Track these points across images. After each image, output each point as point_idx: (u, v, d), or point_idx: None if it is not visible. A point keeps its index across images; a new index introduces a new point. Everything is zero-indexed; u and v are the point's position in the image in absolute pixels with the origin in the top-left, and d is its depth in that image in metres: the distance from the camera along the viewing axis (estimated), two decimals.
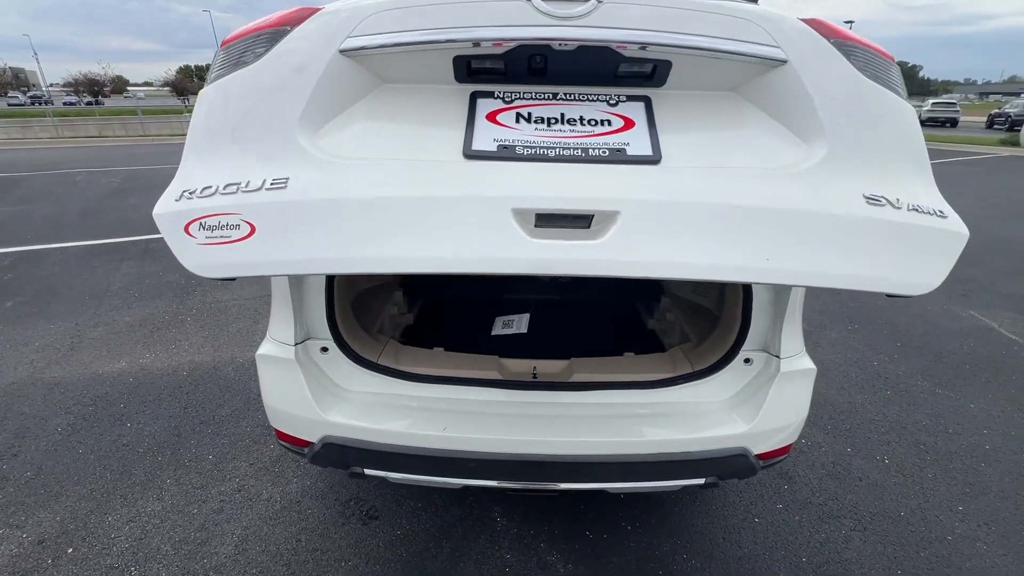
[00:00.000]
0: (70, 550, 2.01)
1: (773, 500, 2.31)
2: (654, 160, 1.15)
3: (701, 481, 1.60)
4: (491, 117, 1.22)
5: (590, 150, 1.16)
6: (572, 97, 1.26)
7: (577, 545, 2.05)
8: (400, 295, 2.43)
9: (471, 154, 1.14)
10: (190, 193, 1.12)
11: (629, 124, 1.22)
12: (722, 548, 2.06)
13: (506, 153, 1.14)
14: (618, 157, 1.15)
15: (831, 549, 2.07)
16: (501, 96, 1.26)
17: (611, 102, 1.26)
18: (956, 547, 2.08)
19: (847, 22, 43.63)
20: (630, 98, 1.26)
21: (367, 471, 1.60)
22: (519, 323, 2.41)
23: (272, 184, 1.07)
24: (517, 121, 1.21)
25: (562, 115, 1.23)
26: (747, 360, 1.68)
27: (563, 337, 2.43)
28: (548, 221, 1.07)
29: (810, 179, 1.13)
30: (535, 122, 1.22)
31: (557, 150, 1.16)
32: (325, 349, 1.69)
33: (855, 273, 1.11)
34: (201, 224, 1.08)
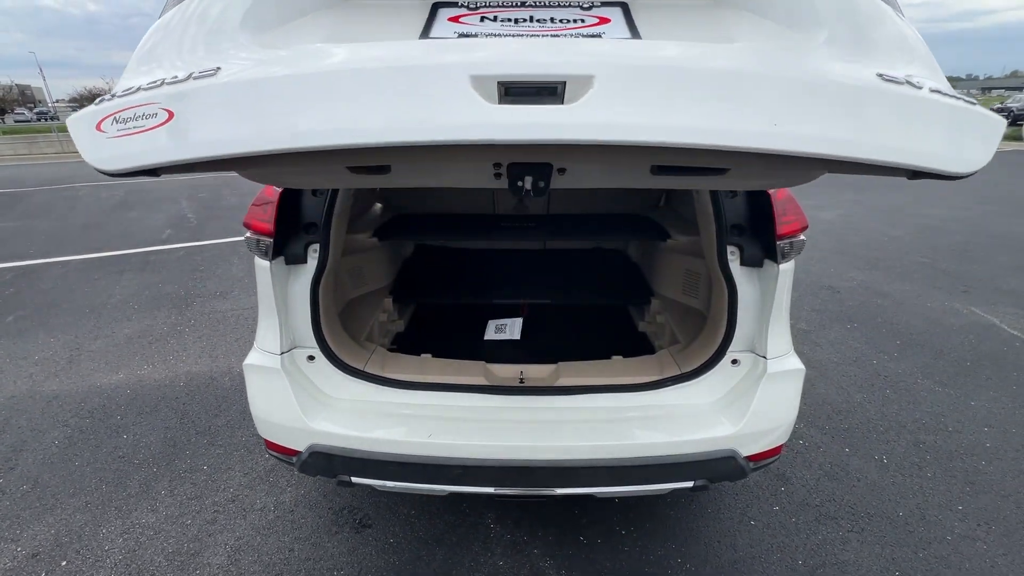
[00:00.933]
0: (64, 563, 2.01)
1: (769, 502, 2.29)
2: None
3: (690, 484, 1.59)
4: (453, 19, 1.09)
5: (561, 36, 1.04)
6: (542, 4, 1.13)
7: (571, 551, 2.04)
8: (390, 302, 2.44)
9: (427, 38, 1.03)
10: (111, 96, 1.00)
11: (604, 21, 1.09)
12: (717, 551, 2.04)
13: (467, 37, 1.02)
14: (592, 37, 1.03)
15: (828, 551, 2.04)
16: (465, 4, 1.13)
17: (584, 6, 1.13)
18: (955, 547, 2.05)
19: None
20: (605, 3, 1.14)
21: (354, 479, 1.60)
22: (512, 328, 2.41)
23: (200, 74, 0.95)
24: (481, 21, 1.09)
25: (531, 16, 1.10)
26: (734, 361, 1.68)
27: (552, 341, 2.43)
28: (515, 94, 0.90)
29: (813, 56, 0.99)
30: (501, 22, 1.09)
31: (525, 35, 1.04)
32: (312, 358, 1.69)
33: (896, 145, 0.93)
34: (115, 119, 0.97)
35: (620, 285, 2.67)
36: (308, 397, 1.64)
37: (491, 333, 2.41)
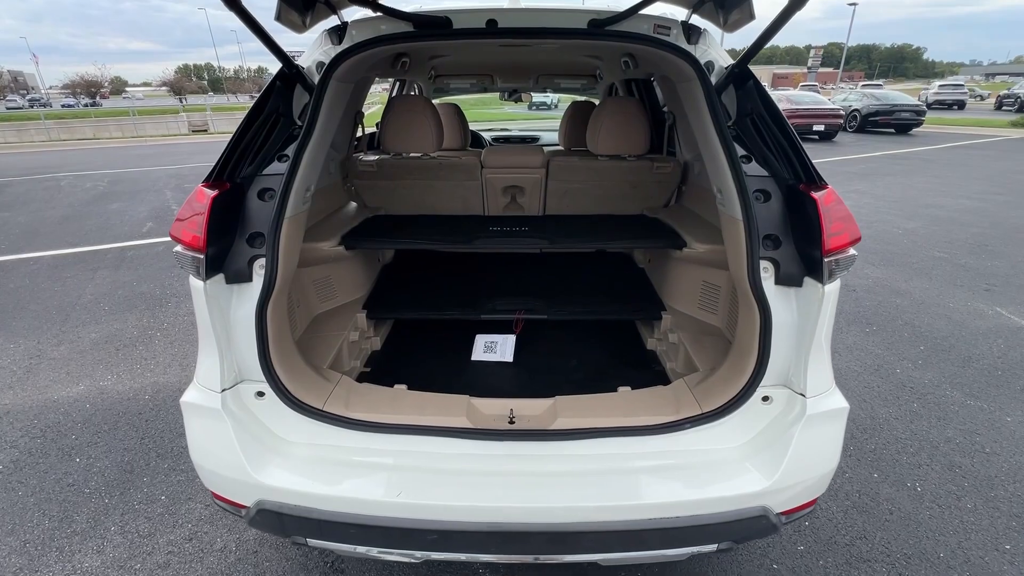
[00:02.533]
0: None
1: (793, 540, 2.04)
2: None
3: (713, 547, 1.33)
4: None
5: None
6: None
7: None
8: (363, 318, 2.15)
9: None
10: None
11: None
12: None
13: None
14: None
15: None
16: None
17: None
18: None
19: (851, 3, 42.73)
20: None
21: (310, 542, 1.33)
22: (503, 347, 2.12)
23: None
24: None
25: None
26: (765, 398, 1.40)
27: (548, 361, 2.15)
28: None
29: None
30: None
31: None
32: (261, 394, 1.42)
33: None
34: None
35: (627, 297, 2.38)
36: (255, 442, 1.37)
37: (480, 352, 2.13)
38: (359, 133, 2.67)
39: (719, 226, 1.65)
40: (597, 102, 3.96)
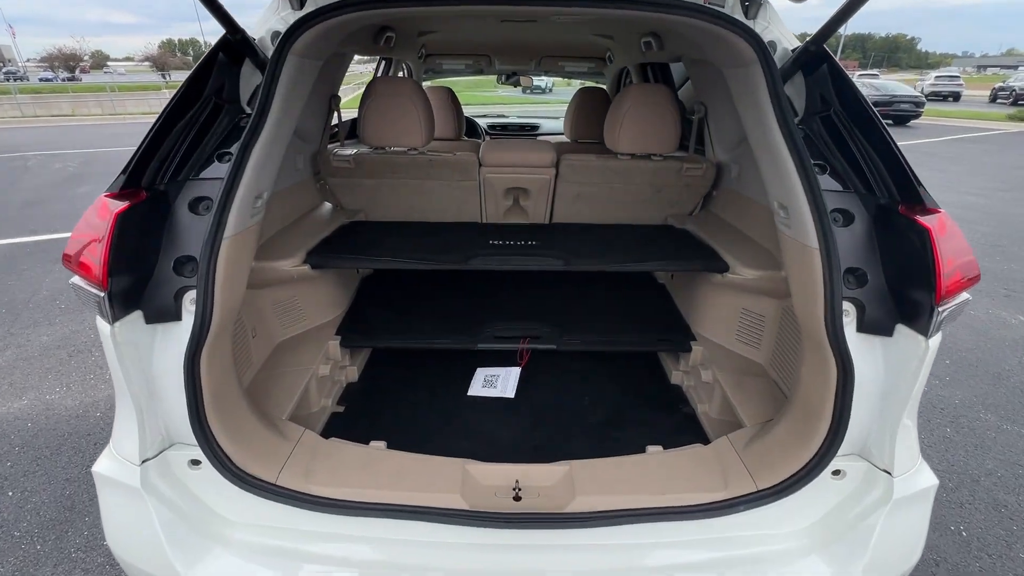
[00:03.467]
0: None
1: None
2: None
3: None
4: None
5: None
6: None
7: None
8: (336, 346, 1.82)
9: None
10: None
11: None
12: None
13: None
14: None
15: None
16: None
17: None
18: None
19: None
20: None
21: None
22: (504, 382, 1.81)
23: None
24: None
25: None
26: (836, 472, 1.12)
27: (556, 402, 1.82)
28: None
29: None
30: None
31: None
32: (196, 462, 1.11)
33: None
34: None
35: (650, 322, 2.04)
36: (187, 527, 1.06)
37: (478, 387, 1.82)
38: (335, 120, 2.31)
39: (771, 247, 1.34)
40: (604, 87, 3.62)
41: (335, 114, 2.21)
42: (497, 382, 1.82)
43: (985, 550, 1.99)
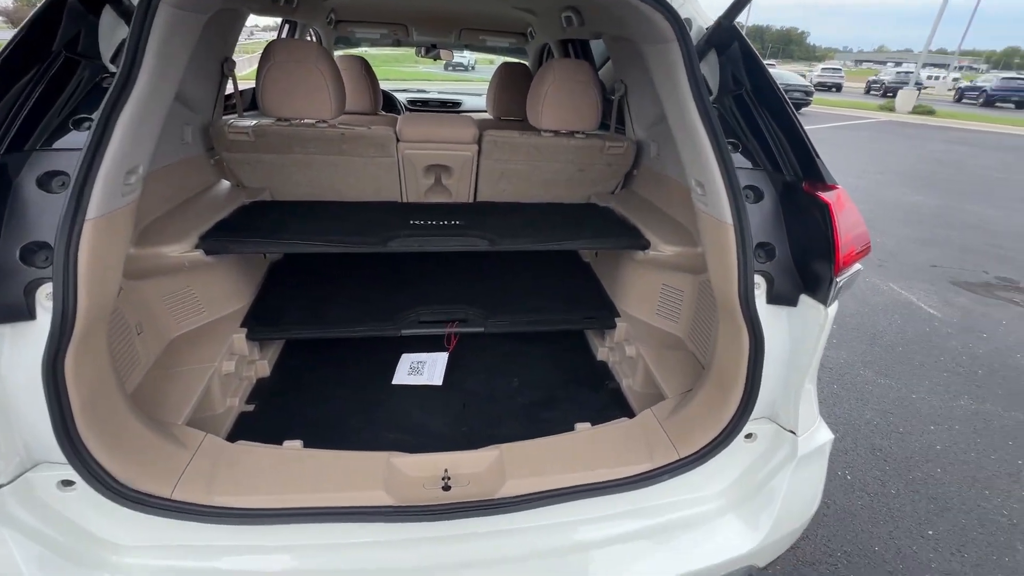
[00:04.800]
0: None
1: None
2: None
3: None
4: None
5: None
6: None
7: None
8: (242, 340, 1.67)
9: None
10: None
11: None
12: None
13: None
14: None
15: None
16: None
17: None
18: None
19: None
20: None
21: None
22: (431, 369, 1.74)
23: None
24: None
25: None
26: (749, 435, 1.19)
27: (486, 387, 1.78)
28: None
29: None
30: None
31: None
32: (68, 483, 0.95)
33: None
34: None
35: (576, 300, 2.04)
36: (61, 559, 0.92)
37: (403, 375, 1.73)
38: (232, 89, 2.06)
39: (688, 224, 1.39)
40: (527, 64, 3.57)
41: (230, 81, 1.97)
42: (424, 369, 1.76)
43: (865, 490, 2.27)
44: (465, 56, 31.10)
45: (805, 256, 1.09)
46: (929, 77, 34.78)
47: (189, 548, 0.99)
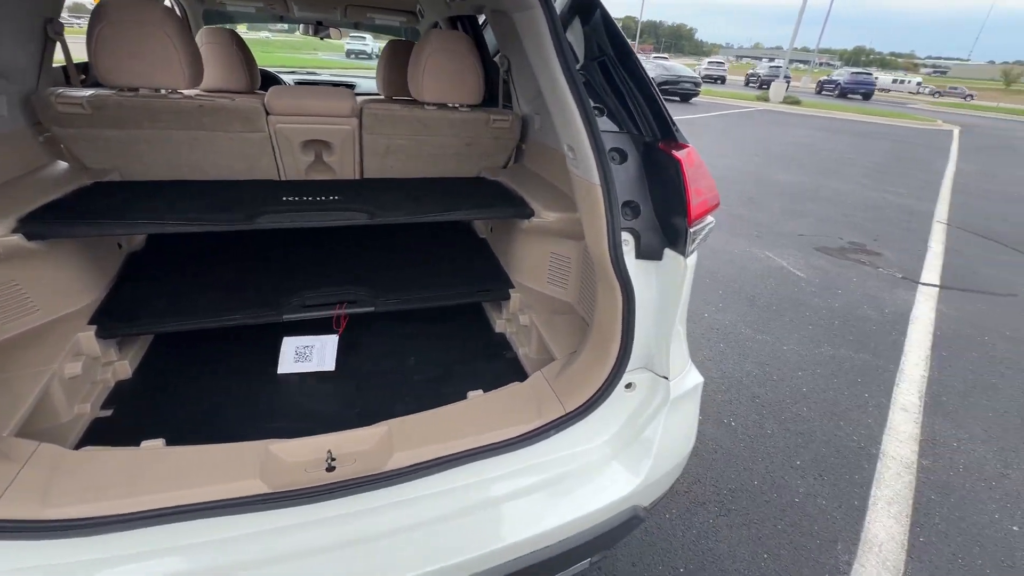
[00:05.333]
0: None
1: None
2: None
3: (587, 563, 1.17)
4: None
5: None
6: None
7: None
8: (91, 338, 1.45)
9: None
10: None
11: None
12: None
13: None
14: None
15: (704, 546, 1.90)
16: None
17: None
18: (803, 509, 2.10)
19: None
20: None
21: None
22: (320, 353, 1.64)
23: None
24: None
25: None
26: (628, 385, 1.26)
27: (380, 365, 1.73)
28: None
29: None
30: None
31: None
32: None
33: None
34: None
35: (471, 274, 2.03)
36: None
37: (289, 363, 1.62)
38: (64, 58, 1.78)
39: (568, 191, 1.43)
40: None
41: (57, 46, 1.70)
42: (312, 354, 1.65)
43: (746, 433, 2.52)
44: (368, 43, 29.75)
45: (666, 212, 1.17)
46: (794, 71, 39.17)
47: (19, 572, 0.85)
